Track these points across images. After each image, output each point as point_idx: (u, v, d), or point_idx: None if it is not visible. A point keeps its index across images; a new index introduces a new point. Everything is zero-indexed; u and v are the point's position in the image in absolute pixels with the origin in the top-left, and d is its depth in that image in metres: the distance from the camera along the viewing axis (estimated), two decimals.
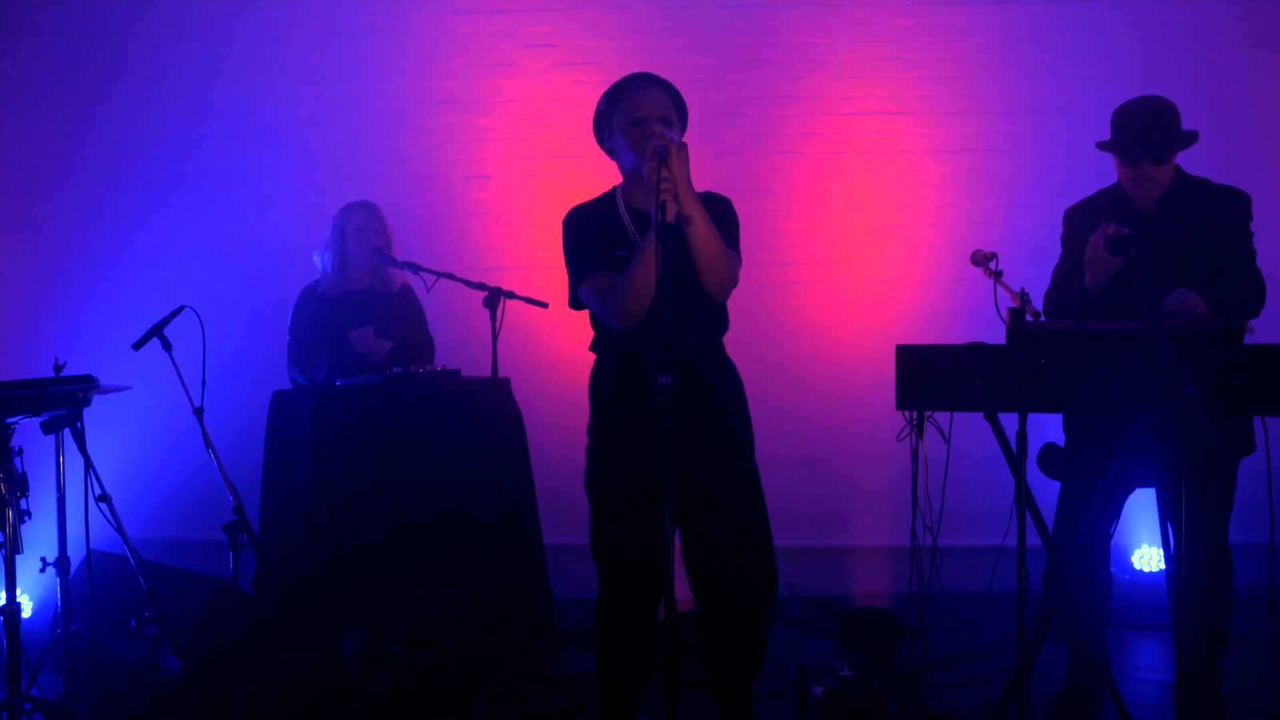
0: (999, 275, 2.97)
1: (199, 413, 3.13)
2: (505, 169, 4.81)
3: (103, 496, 3.15)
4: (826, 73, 4.73)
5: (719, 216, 2.61)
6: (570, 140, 4.68)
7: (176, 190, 4.78)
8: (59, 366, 3.13)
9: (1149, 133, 2.92)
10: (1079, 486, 2.93)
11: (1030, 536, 2.53)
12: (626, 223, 2.69)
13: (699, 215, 2.49)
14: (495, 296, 3.46)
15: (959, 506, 3.15)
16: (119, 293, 4.67)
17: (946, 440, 2.99)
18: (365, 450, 3.55)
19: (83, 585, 3.32)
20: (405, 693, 3.43)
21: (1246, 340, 2.59)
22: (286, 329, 3.93)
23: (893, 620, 3.35)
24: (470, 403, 3.67)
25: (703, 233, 2.50)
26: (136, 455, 4.46)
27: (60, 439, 3.24)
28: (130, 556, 3.18)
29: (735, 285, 2.66)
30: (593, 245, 2.68)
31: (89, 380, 3.13)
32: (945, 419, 2.95)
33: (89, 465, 3.11)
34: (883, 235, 4.75)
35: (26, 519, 2.98)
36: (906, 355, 2.75)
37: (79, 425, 3.11)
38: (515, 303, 3.54)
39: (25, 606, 3.99)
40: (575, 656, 3.83)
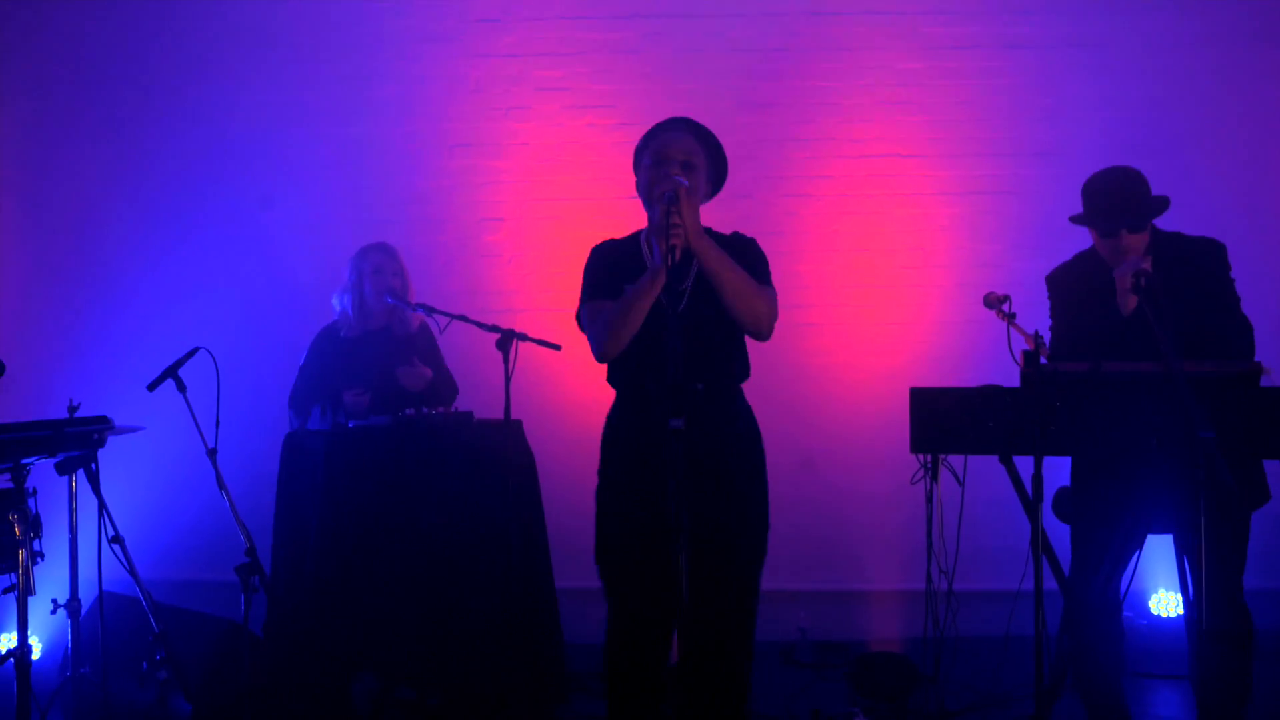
0: (1012, 317, 2.96)
1: (213, 454, 3.14)
2: (518, 211, 4.85)
3: (116, 538, 3.15)
4: (837, 115, 4.77)
5: (748, 257, 2.65)
6: (582, 183, 4.73)
7: (191, 230, 4.81)
8: (73, 407, 3.13)
9: (1126, 202, 2.91)
10: (1091, 531, 2.89)
11: (1047, 580, 2.51)
12: (646, 261, 2.72)
13: (706, 252, 2.52)
14: (508, 339, 3.46)
15: (974, 550, 3.13)
16: (134, 333, 4.69)
17: (961, 483, 2.97)
18: (377, 493, 3.54)
19: (94, 627, 3.31)
20: None
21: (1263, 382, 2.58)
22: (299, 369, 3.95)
23: (907, 666, 3.31)
24: (482, 445, 3.67)
25: (716, 269, 2.53)
26: (150, 496, 4.46)
27: (74, 480, 3.25)
28: (143, 598, 3.17)
29: (774, 319, 2.66)
30: (606, 274, 2.73)
31: (104, 421, 3.15)
32: (959, 461, 2.93)
33: (103, 506, 3.12)
34: (894, 277, 4.76)
35: (39, 560, 2.98)
36: (921, 398, 2.75)
37: (93, 466, 3.12)
38: (528, 345, 3.54)
39: (35, 648, 3.98)
40: (586, 701, 3.80)
